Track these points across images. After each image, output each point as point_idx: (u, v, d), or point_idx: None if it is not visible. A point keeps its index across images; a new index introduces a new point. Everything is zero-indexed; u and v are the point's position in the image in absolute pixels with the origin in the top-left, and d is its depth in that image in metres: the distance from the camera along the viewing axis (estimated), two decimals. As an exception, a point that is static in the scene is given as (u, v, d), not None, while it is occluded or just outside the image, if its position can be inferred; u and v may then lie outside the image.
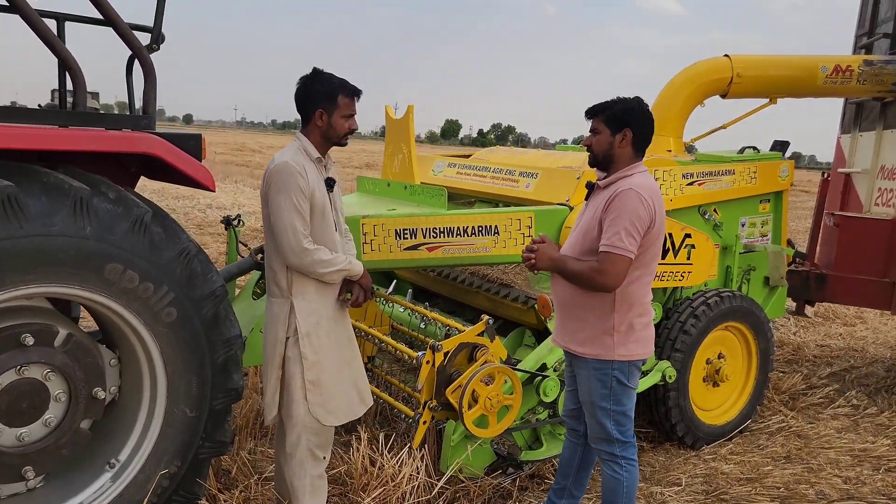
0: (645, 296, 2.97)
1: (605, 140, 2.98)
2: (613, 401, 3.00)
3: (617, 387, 2.99)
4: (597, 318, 2.95)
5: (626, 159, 2.96)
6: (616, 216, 2.81)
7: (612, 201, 2.85)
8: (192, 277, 2.69)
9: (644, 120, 2.97)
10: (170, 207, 13.79)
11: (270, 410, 3.07)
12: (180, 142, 2.71)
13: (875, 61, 5.48)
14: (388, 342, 3.77)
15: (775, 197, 5.13)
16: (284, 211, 2.86)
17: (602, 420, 3.02)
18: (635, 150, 2.97)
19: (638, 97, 3.02)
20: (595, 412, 3.04)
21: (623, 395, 3.01)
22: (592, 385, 3.02)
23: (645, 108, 2.97)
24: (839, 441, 4.56)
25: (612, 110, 2.96)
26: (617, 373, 2.97)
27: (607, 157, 2.99)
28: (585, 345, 3.00)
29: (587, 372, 3.03)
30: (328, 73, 2.98)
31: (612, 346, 2.94)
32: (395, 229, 3.88)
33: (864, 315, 8.52)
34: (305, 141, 2.98)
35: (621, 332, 2.94)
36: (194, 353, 2.74)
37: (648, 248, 2.89)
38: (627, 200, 2.81)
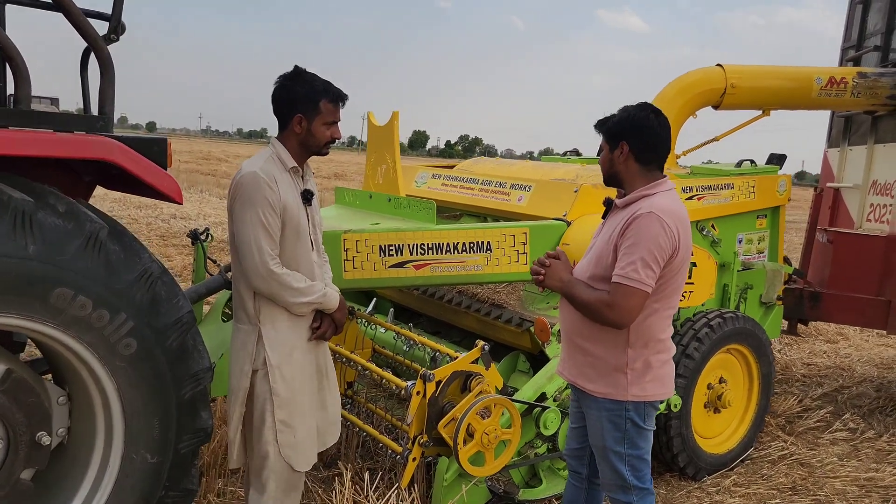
0: (663, 331, 2.64)
1: (605, 157, 2.70)
2: (628, 444, 2.68)
3: (632, 429, 2.66)
4: (608, 353, 2.62)
5: (635, 176, 2.63)
6: (633, 243, 2.48)
7: (630, 225, 2.51)
8: (155, 303, 2.33)
9: (640, 129, 2.59)
10: (131, 217, 13.27)
11: (232, 451, 2.74)
12: (142, 147, 2.36)
13: (869, 73, 5.34)
14: (373, 370, 3.44)
15: (772, 212, 4.93)
16: (249, 227, 2.54)
17: (617, 466, 2.70)
18: (642, 164, 2.62)
19: (642, 103, 2.67)
20: (608, 457, 2.71)
21: (639, 438, 2.69)
22: (604, 427, 2.69)
23: (643, 116, 2.60)
24: (843, 470, 4.34)
25: (609, 123, 2.68)
26: (632, 414, 2.64)
27: (613, 175, 2.70)
28: (596, 382, 2.67)
29: (598, 413, 2.70)
30: (311, 74, 2.67)
31: (626, 386, 2.61)
32: (379, 245, 3.57)
33: (845, 332, 8.40)
34: (280, 148, 2.66)
35: (636, 370, 2.61)
36: (157, 389, 2.38)
37: (670, 279, 2.55)
38: (647, 226, 2.47)
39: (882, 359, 7.38)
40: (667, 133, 2.65)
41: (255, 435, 2.68)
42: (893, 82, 5.27)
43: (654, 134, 2.61)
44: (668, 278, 2.55)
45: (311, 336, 2.74)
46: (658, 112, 2.63)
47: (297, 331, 2.71)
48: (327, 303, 2.72)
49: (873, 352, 7.69)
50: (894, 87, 5.26)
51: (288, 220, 2.60)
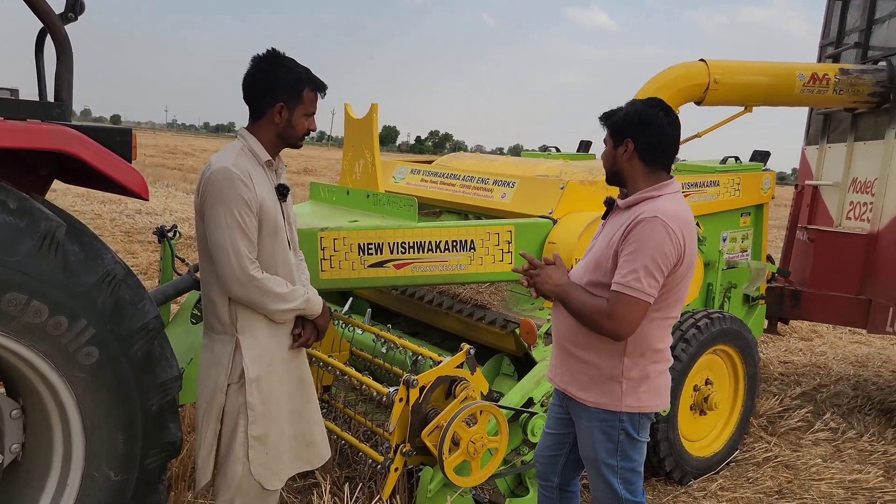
0: (661, 341, 2.49)
1: (608, 154, 2.54)
2: (621, 456, 2.54)
3: (625, 441, 2.53)
4: (603, 361, 2.47)
5: (639, 176, 2.47)
6: (635, 249, 2.32)
7: (633, 230, 2.35)
8: (118, 308, 2.15)
9: (650, 127, 2.42)
10: (95, 213, 12.89)
11: (204, 473, 2.53)
12: (105, 138, 2.17)
13: (851, 70, 5.30)
14: (352, 375, 3.27)
15: (756, 210, 4.86)
16: (224, 229, 2.32)
17: (609, 479, 2.56)
18: (647, 164, 2.46)
19: (651, 99, 2.50)
20: (600, 469, 2.57)
21: (632, 450, 2.55)
22: (596, 438, 2.55)
23: (651, 113, 2.43)
24: (828, 471, 4.29)
25: (614, 118, 2.51)
26: (626, 425, 2.51)
27: (615, 173, 2.54)
28: (589, 391, 2.52)
29: (589, 423, 2.56)
30: (291, 59, 2.46)
31: (621, 396, 2.48)
32: (358, 244, 3.40)
33: (819, 329, 8.44)
34: (252, 140, 2.45)
35: (632, 379, 2.47)
36: (121, 401, 2.20)
37: (673, 288, 2.41)
38: (651, 232, 2.31)
39: (856, 356, 7.41)
40: (676, 132, 2.48)
41: (222, 450, 2.48)
42: (875, 79, 5.23)
43: (663, 133, 2.44)
44: (671, 287, 2.40)
45: (292, 344, 2.56)
46: (669, 110, 2.47)
47: (278, 339, 2.51)
48: (310, 308, 2.54)
49: (847, 349, 7.72)
50: (876, 84, 5.23)
51: (265, 218, 2.40)
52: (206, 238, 2.40)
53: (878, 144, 5.31)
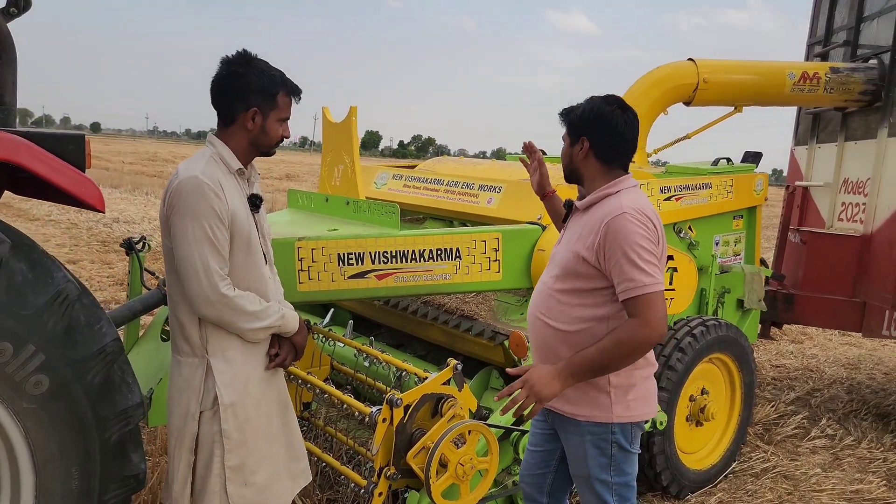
0: None
1: (566, 152, 2.46)
2: (615, 471, 2.40)
3: (619, 454, 2.39)
4: None
5: (596, 174, 2.39)
6: (619, 252, 2.21)
7: (606, 235, 2.23)
8: (71, 331, 1.95)
9: (604, 125, 2.34)
10: (70, 222, 12.60)
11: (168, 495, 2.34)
12: (55, 145, 1.98)
13: (841, 68, 5.19)
14: (332, 393, 3.09)
15: (748, 213, 4.73)
16: (193, 244, 2.14)
17: (603, 496, 2.42)
18: (603, 162, 2.38)
19: (609, 96, 2.42)
20: (593, 487, 2.43)
21: (626, 463, 2.43)
22: (589, 454, 2.41)
23: (608, 111, 2.35)
24: (828, 482, 4.15)
25: (572, 115, 2.43)
26: (618, 437, 2.38)
27: (572, 171, 2.46)
28: (578, 404, 2.39)
29: (580, 438, 2.42)
30: (264, 61, 2.29)
31: (610, 406, 2.35)
32: (338, 253, 3.22)
33: (808, 331, 8.35)
34: (223, 147, 2.27)
35: (619, 387, 2.35)
36: (76, 433, 2.00)
37: None
38: (624, 228, 2.22)
39: (848, 358, 7.32)
40: (634, 131, 2.38)
41: (198, 484, 2.28)
42: (866, 77, 5.14)
43: (619, 132, 2.36)
44: None
45: (268, 365, 2.38)
46: (626, 107, 2.38)
47: (253, 360, 2.33)
48: (286, 325, 2.36)
49: (838, 351, 7.63)
50: (867, 83, 5.13)
51: (237, 231, 2.22)
52: (173, 253, 2.22)
53: (869, 144, 5.21)
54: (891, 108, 5.03)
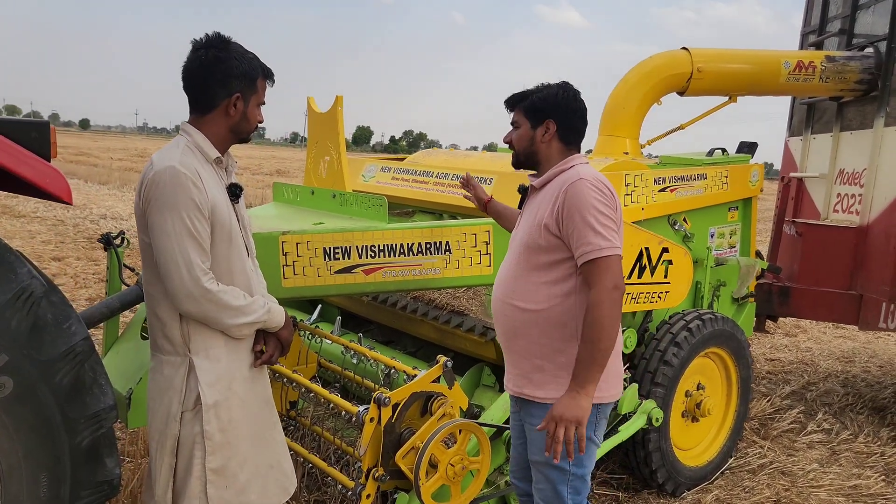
0: None
1: (525, 135, 2.48)
2: (575, 462, 2.36)
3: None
4: (552, 353, 2.36)
5: (555, 155, 2.46)
6: (577, 216, 2.25)
7: (564, 200, 2.28)
8: (36, 331, 1.85)
9: (569, 108, 2.45)
10: (57, 219, 12.44)
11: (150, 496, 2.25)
12: (15, 133, 1.87)
13: (837, 57, 5.12)
14: (318, 392, 2.99)
15: (744, 204, 4.65)
16: (173, 237, 2.04)
17: (557, 486, 2.40)
18: (565, 144, 2.46)
19: (564, 82, 2.51)
20: (549, 474, 2.41)
21: (585, 455, 2.39)
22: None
23: (570, 95, 2.46)
24: (826, 477, 4.09)
25: (531, 99, 2.47)
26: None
27: (530, 154, 2.50)
28: (545, 387, 2.39)
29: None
30: (239, 44, 2.19)
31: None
32: (323, 248, 3.11)
33: (802, 324, 8.31)
34: (199, 136, 2.17)
35: None
36: (43, 437, 1.90)
37: None
38: (581, 193, 2.27)
39: (842, 351, 7.27)
40: (586, 113, 2.52)
41: (178, 486, 2.19)
42: (862, 66, 5.06)
43: (581, 115, 2.49)
44: None
45: (254, 362, 2.29)
46: (578, 92, 2.52)
47: (237, 358, 2.24)
48: (272, 320, 2.27)
49: (833, 344, 7.59)
50: (863, 72, 5.05)
51: (218, 222, 2.12)
52: (151, 248, 2.12)
53: (866, 134, 5.14)
54: (887, 97, 4.96)
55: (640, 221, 3.76)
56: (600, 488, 3.81)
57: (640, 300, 3.65)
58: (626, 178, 3.71)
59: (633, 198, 3.76)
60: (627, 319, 3.82)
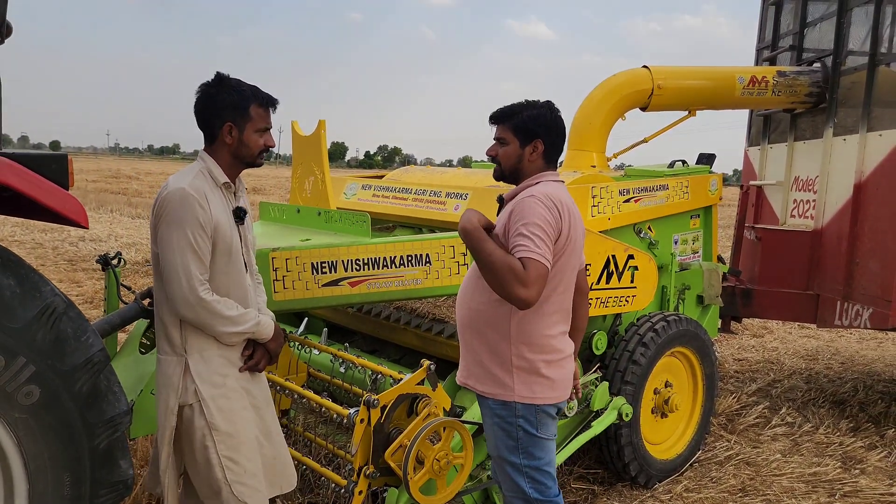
0: (549, 328, 2.51)
1: (513, 152, 2.58)
2: (524, 454, 2.55)
3: (525, 437, 2.53)
4: (492, 349, 2.53)
5: (536, 171, 2.59)
6: (518, 224, 2.39)
7: (511, 213, 2.45)
8: (59, 343, 2.04)
9: (556, 129, 2.60)
10: (36, 242, 12.44)
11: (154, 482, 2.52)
12: (38, 164, 2.07)
13: (788, 72, 5.45)
14: (310, 398, 3.19)
15: (705, 212, 4.93)
16: (176, 250, 2.30)
17: (514, 478, 2.58)
18: (547, 162, 2.61)
19: (548, 102, 2.64)
20: (504, 468, 2.60)
21: (534, 448, 2.56)
22: (497, 435, 2.58)
23: (557, 115, 2.60)
24: (788, 466, 4.35)
25: (520, 118, 2.57)
26: (521, 421, 2.52)
27: (516, 171, 2.60)
28: (484, 382, 2.57)
29: (490, 420, 2.60)
30: (235, 80, 2.46)
31: (512, 385, 2.51)
32: (311, 263, 3.33)
33: (769, 325, 8.63)
34: (210, 162, 2.44)
35: (521, 368, 2.50)
36: (66, 441, 2.08)
37: (555, 272, 2.45)
38: (529, 206, 2.41)
39: (807, 350, 7.59)
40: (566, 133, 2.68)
41: (201, 479, 2.44)
42: (811, 80, 5.39)
43: (564, 135, 2.63)
44: (552, 271, 2.42)
45: (241, 367, 2.51)
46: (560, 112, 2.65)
47: (228, 360, 2.48)
48: (261, 332, 2.50)
49: (798, 343, 7.90)
50: (812, 85, 5.38)
51: (219, 240, 2.38)
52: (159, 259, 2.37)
53: (817, 143, 5.46)
54: (835, 109, 5.29)
55: (606, 230, 4.01)
56: (577, 483, 4.04)
57: (608, 304, 3.90)
58: (592, 190, 3.96)
59: (599, 209, 4.01)
60: (598, 323, 4.07)
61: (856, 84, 5.16)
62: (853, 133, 5.04)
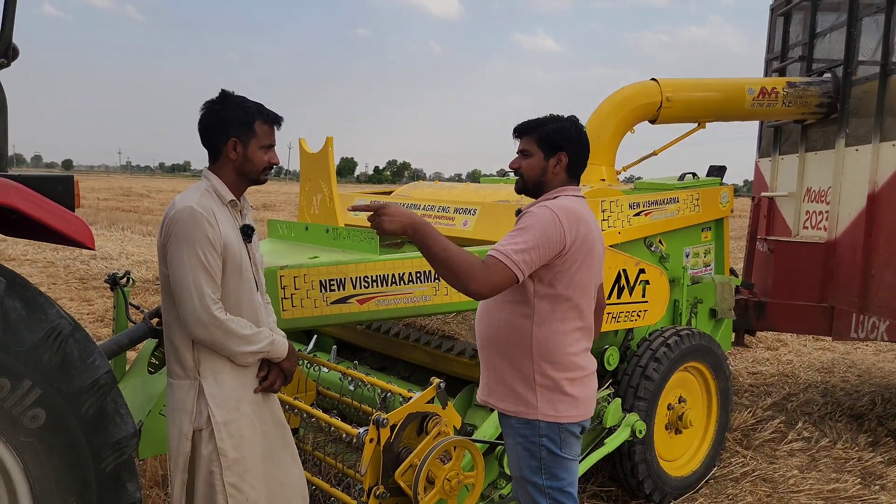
0: (570, 346, 2.46)
1: (537, 164, 2.55)
2: (546, 475, 2.50)
3: (548, 458, 2.49)
4: (514, 367, 2.49)
5: (560, 185, 2.56)
6: (518, 229, 2.39)
7: (522, 216, 2.45)
8: (65, 365, 2.02)
9: (580, 143, 2.57)
10: (47, 261, 12.52)
11: None
12: (44, 186, 2.06)
13: (798, 83, 5.41)
14: (319, 417, 3.16)
15: (716, 224, 4.88)
16: (188, 269, 2.26)
17: (537, 499, 2.53)
18: (570, 175, 2.57)
19: (572, 117, 2.61)
20: (526, 489, 2.55)
21: (558, 468, 2.51)
22: (520, 455, 2.53)
23: (581, 130, 2.58)
24: (805, 482, 4.28)
25: (545, 130, 2.55)
26: (545, 440, 2.47)
27: (540, 183, 2.57)
28: (506, 400, 2.53)
29: (513, 440, 2.55)
30: (240, 97, 2.44)
31: (535, 403, 2.46)
32: (320, 280, 3.30)
33: (783, 338, 8.53)
34: (215, 180, 2.41)
35: (545, 387, 2.46)
36: (72, 464, 2.06)
37: (565, 287, 2.41)
38: (537, 215, 2.39)
39: (822, 363, 7.49)
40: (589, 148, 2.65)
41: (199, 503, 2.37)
42: (821, 90, 5.35)
43: (588, 150, 2.60)
44: (561, 287, 2.41)
45: (257, 388, 2.47)
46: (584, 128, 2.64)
47: (243, 382, 2.43)
48: (275, 351, 2.47)
49: (813, 356, 7.81)
50: (823, 95, 5.34)
51: (229, 258, 2.35)
52: (169, 279, 2.33)
53: (829, 154, 5.42)
54: (846, 119, 5.24)
55: (617, 244, 3.98)
56: (591, 501, 3.98)
57: (620, 319, 3.86)
58: (602, 204, 3.93)
59: (609, 222, 3.98)
60: (609, 338, 4.03)
61: (867, 94, 5.11)
62: (866, 143, 4.99)
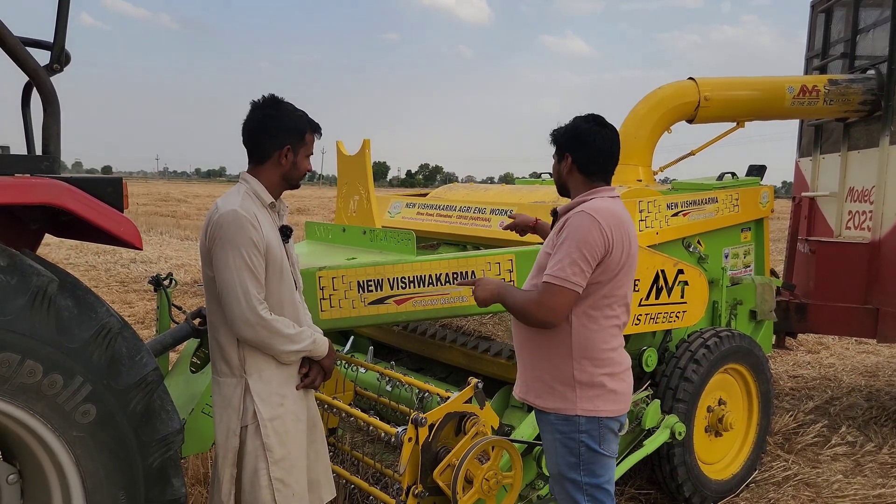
0: (606, 342, 2.51)
1: (555, 168, 2.71)
2: (585, 471, 2.52)
3: (587, 454, 2.51)
4: (553, 365, 2.53)
5: (579, 186, 2.61)
6: (562, 242, 2.44)
7: (563, 226, 2.49)
8: (114, 363, 2.08)
9: (581, 143, 2.57)
10: (89, 264, 12.80)
11: None
12: (95, 188, 2.12)
13: (840, 80, 5.31)
14: (358, 416, 3.19)
15: (756, 225, 4.81)
16: (234, 270, 2.32)
17: (574, 495, 2.54)
18: (585, 175, 2.59)
19: (587, 116, 2.64)
20: (564, 486, 2.57)
21: (596, 465, 2.53)
22: (558, 452, 2.55)
23: (586, 129, 2.57)
24: (850, 487, 4.19)
25: (555, 133, 2.69)
26: (584, 437, 2.49)
27: (561, 185, 2.71)
28: (545, 397, 2.56)
29: (551, 436, 2.58)
30: (290, 104, 2.50)
31: (575, 399, 2.49)
32: (357, 281, 3.34)
33: (825, 341, 8.35)
34: (256, 183, 2.46)
35: (583, 383, 2.49)
36: (121, 459, 2.11)
37: (606, 284, 2.46)
38: (577, 224, 2.44)
39: (866, 366, 7.32)
40: (611, 146, 2.59)
41: (246, 498, 2.43)
42: (865, 88, 5.24)
43: (597, 147, 2.57)
44: (604, 283, 2.46)
45: (299, 384, 2.53)
46: (604, 124, 2.60)
47: (286, 379, 2.50)
48: (317, 349, 2.53)
49: (856, 360, 7.63)
50: (866, 93, 5.23)
51: (271, 259, 2.41)
52: (214, 281, 2.40)
53: (872, 152, 5.30)
54: (891, 116, 5.13)
55: (655, 245, 3.94)
56: (629, 503, 3.95)
57: (658, 320, 3.82)
58: (639, 204, 3.90)
59: (647, 223, 3.95)
60: (648, 339, 3.99)
61: (913, 90, 5.00)
62: (911, 141, 4.88)
